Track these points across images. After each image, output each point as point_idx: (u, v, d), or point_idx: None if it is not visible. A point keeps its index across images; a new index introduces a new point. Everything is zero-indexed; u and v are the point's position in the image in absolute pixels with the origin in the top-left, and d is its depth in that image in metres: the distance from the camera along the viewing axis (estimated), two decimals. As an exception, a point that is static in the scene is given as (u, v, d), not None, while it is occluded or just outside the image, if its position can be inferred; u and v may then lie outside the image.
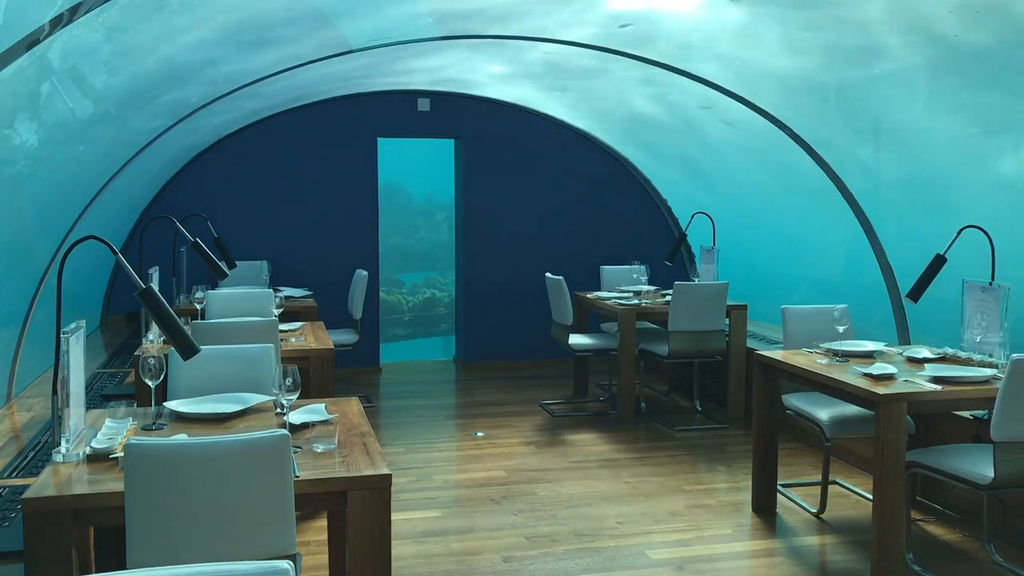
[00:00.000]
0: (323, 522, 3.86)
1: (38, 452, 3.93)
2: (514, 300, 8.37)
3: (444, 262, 11.31)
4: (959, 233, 4.21)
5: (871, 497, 3.94)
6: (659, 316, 6.47)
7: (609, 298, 6.81)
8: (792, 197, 6.46)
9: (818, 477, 4.77)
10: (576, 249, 8.40)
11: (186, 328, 2.90)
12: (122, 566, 2.41)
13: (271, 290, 5.92)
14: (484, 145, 8.38)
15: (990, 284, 4.10)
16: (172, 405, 3.24)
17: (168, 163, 7.32)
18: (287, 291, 6.99)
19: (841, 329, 4.53)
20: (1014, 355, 3.43)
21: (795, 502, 4.75)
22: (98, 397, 4.95)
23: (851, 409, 4.27)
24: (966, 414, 4.36)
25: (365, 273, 7.01)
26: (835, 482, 4.97)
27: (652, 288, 6.98)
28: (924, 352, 4.37)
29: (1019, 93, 4.11)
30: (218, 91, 5.71)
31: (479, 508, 4.71)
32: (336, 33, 5.06)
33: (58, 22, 2.95)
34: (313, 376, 4.68)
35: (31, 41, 2.98)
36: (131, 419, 3.11)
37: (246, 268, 6.97)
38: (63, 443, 2.74)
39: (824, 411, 4.40)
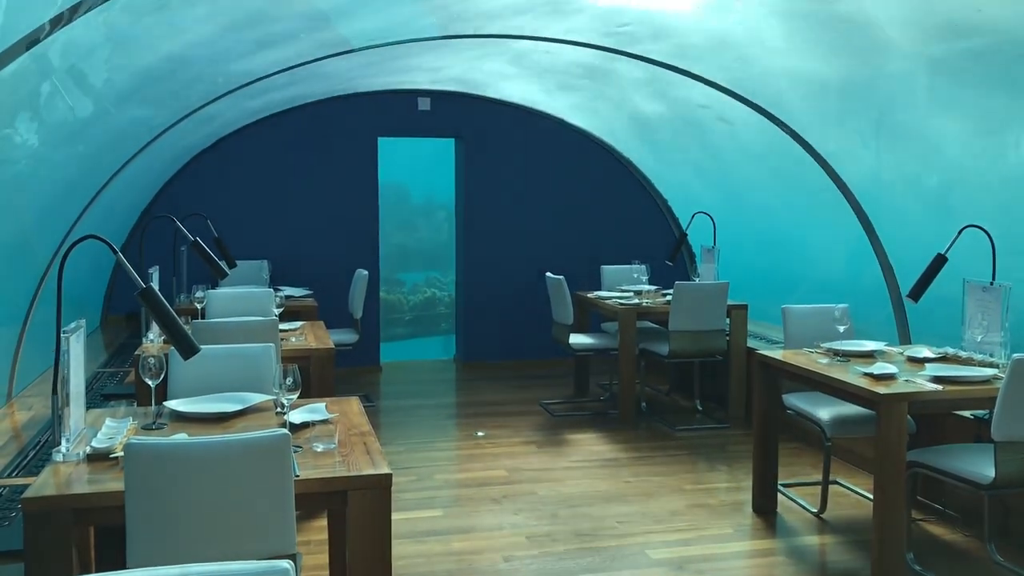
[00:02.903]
0: (323, 521, 3.85)
1: (38, 451, 3.93)
2: (514, 300, 8.36)
3: (444, 261, 11.29)
4: (960, 232, 4.20)
5: (872, 497, 3.94)
6: (660, 316, 6.47)
7: (610, 298, 6.80)
8: (793, 196, 6.45)
9: (819, 477, 4.76)
10: (576, 249, 8.38)
11: (186, 327, 2.90)
12: (122, 566, 2.41)
13: (271, 289, 5.92)
14: (485, 144, 8.37)
15: (991, 284, 4.09)
16: (172, 404, 3.23)
17: (168, 162, 7.31)
18: (287, 290, 6.98)
19: (842, 329, 4.52)
20: (1015, 355, 3.42)
21: (795, 502, 4.75)
22: (98, 396, 4.94)
23: (852, 409, 4.26)
24: (967, 414, 4.35)
25: (365, 272, 7.00)
26: (836, 482, 4.97)
27: (653, 288, 6.97)
28: (925, 352, 4.36)
29: (1020, 92, 4.11)
30: (218, 90, 5.71)
31: (479, 507, 4.70)
32: (336, 32, 5.05)
33: (58, 21, 2.95)
34: (313, 376, 4.68)
35: (31, 40, 2.98)
36: (131, 418, 3.10)
37: (246, 267, 6.96)
38: (63, 442, 2.74)
39: (825, 411, 4.40)
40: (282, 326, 5.01)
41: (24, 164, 4.22)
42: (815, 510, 4.60)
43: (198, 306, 5.46)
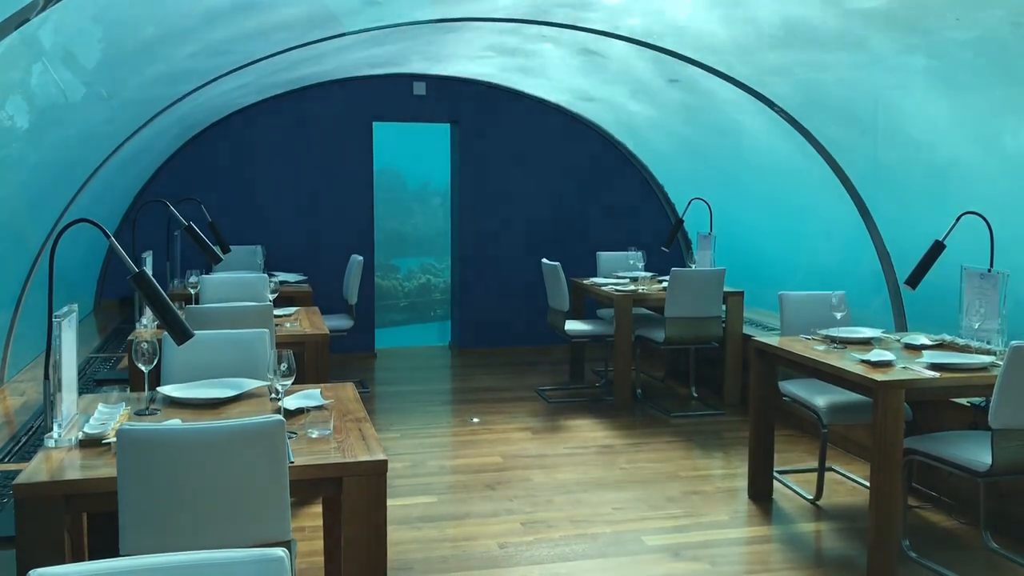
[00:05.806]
0: (318, 508, 3.85)
1: (30, 437, 3.91)
2: (510, 286, 8.34)
3: (440, 248, 11.28)
4: (958, 219, 4.19)
5: (868, 484, 3.94)
6: (656, 302, 6.46)
7: (606, 284, 6.79)
8: (790, 183, 6.43)
9: (814, 464, 4.76)
10: (573, 235, 8.37)
11: (180, 313, 2.87)
12: (115, 553, 2.39)
13: (266, 275, 5.89)
14: (480, 130, 8.33)
15: (989, 271, 4.08)
16: (165, 390, 3.21)
17: (162, 146, 7.26)
18: (282, 276, 6.96)
19: (838, 315, 4.51)
20: (1013, 342, 3.42)
21: (791, 489, 4.75)
22: (91, 382, 4.92)
23: (848, 396, 4.25)
24: (964, 401, 4.35)
25: (360, 258, 6.97)
26: (831, 469, 4.97)
27: (649, 274, 6.96)
28: (922, 339, 4.35)
29: (1018, 78, 4.08)
30: (212, 74, 5.66)
31: (474, 494, 4.69)
32: (330, 14, 5.00)
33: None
34: (308, 362, 4.66)
35: (21, 20, 2.93)
36: (124, 404, 3.08)
37: (240, 253, 6.93)
38: (55, 428, 2.72)
39: (821, 398, 4.39)
40: (276, 312, 4.99)
41: (15, 147, 4.18)
42: (811, 497, 4.60)
43: (192, 291, 5.43)
